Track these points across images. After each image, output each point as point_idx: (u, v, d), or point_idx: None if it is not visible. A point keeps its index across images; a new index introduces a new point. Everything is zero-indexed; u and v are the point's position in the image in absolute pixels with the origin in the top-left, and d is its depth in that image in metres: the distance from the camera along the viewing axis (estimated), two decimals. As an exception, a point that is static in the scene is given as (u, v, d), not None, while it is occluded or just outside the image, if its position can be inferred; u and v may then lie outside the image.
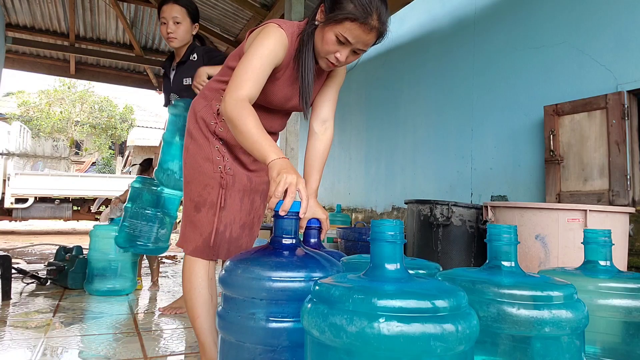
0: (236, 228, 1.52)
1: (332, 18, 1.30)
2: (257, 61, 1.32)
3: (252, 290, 0.95)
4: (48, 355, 1.90)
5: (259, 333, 0.94)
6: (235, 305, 0.97)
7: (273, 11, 5.58)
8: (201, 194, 1.48)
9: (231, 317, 0.98)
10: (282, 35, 1.37)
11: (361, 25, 1.28)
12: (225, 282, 1.00)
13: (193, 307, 1.49)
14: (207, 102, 1.55)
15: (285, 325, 0.93)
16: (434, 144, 4.80)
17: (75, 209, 9.80)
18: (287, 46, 1.39)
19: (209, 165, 1.49)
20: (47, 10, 6.57)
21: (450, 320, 0.71)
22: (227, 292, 1.00)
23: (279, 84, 1.45)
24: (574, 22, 3.40)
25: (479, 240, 2.97)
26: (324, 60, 1.40)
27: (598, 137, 3.02)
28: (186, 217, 1.52)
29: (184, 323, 2.46)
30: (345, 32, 1.30)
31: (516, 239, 1.07)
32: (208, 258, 1.49)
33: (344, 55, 1.36)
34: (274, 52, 1.35)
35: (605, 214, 2.30)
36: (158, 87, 8.88)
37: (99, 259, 3.11)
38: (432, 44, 4.97)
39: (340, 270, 1.04)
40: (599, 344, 1.21)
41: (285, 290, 0.93)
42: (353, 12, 1.27)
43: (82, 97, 19.32)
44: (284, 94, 1.48)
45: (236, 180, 1.51)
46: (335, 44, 1.33)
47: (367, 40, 1.33)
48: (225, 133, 1.51)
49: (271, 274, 0.94)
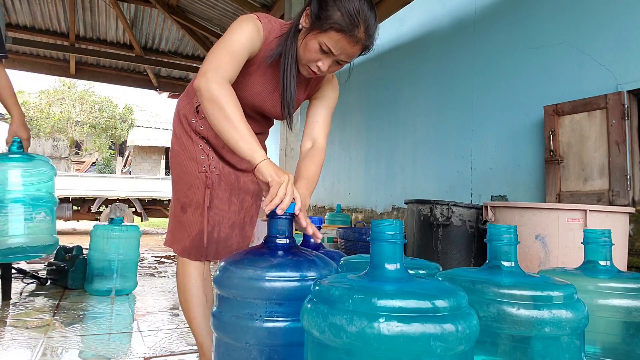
0: (225, 228, 1.48)
1: (317, 26, 1.23)
2: (235, 44, 1.25)
3: (245, 290, 0.95)
4: (48, 355, 1.90)
5: (253, 333, 0.94)
6: (230, 305, 0.98)
7: (273, 11, 5.58)
8: (187, 194, 1.46)
9: (225, 317, 0.98)
10: (258, 26, 1.30)
11: (347, 36, 1.21)
12: (219, 283, 1.00)
13: (188, 309, 1.48)
14: (189, 99, 1.51)
15: (278, 325, 0.94)
16: (434, 144, 4.80)
17: (75, 209, 9.80)
18: (262, 38, 1.31)
19: (194, 165, 1.45)
20: (47, 10, 6.57)
21: (450, 320, 0.71)
22: (221, 293, 1.00)
23: (252, 80, 1.38)
24: (574, 22, 3.40)
25: (479, 240, 2.97)
26: (305, 68, 1.32)
27: (598, 137, 3.02)
28: (174, 217, 1.51)
29: (184, 323, 2.46)
30: (329, 42, 1.23)
31: (516, 239, 1.07)
32: (196, 259, 1.46)
33: (326, 64, 1.28)
34: (251, 39, 1.28)
35: (605, 214, 2.30)
36: (158, 87, 8.89)
37: (99, 259, 3.11)
38: (432, 44, 4.97)
39: (334, 270, 1.04)
40: (599, 344, 1.21)
41: (278, 290, 0.93)
42: (339, 22, 1.19)
43: (82, 97, 19.33)
44: (256, 92, 1.40)
45: (222, 180, 1.47)
46: (318, 53, 1.26)
47: (352, 52, 1.26)
48: (207, 132, 1.45)
49: (264, 273, 0.94)
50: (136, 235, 3.29)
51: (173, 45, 7.75)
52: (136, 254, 3.29)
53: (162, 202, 10.32)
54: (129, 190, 10.06)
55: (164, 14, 6.55)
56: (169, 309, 2.83)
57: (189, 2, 6.37)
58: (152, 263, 4.93)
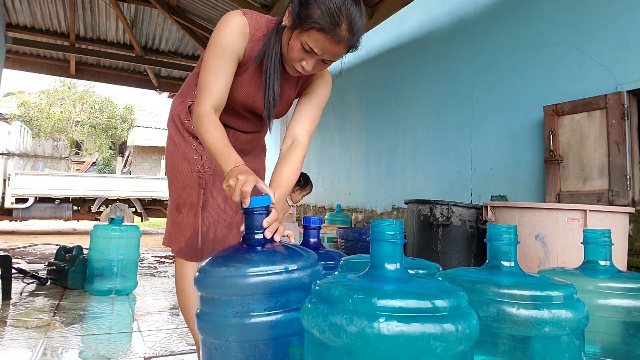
0: (221, 228, 1.46)
1: (298, 24, 1.17)
2: (214, 62, 1.25)
3: (224, 289, 0.95)
4: (48, 355, 1.90)
5: (232, 330, 0.94)
6: (211, 305, 0.97)
7: (273, 11, 5.58)
8: (180, 194, 1.45)
9: (208, 317, 0.97)
10: (242, 22, 1.26)
11: (329, 36, 1.14)
12: (199, 283, 0.99)
13: (185, 309, 1.48)
14: (182, 98, 1.50)
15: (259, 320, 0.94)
16: (434, 144, 4.80)
17: (76, 209, 9.79)
18: (248, 35, 1.27)
19: (187, 165, 1.44)
20: (47, 10, 6.57)
21: (450, 320, 0.71)
22: (202, 293, 1.00)
23: (241, 80, 1.35)
24: (574, 22, 3.40)
25: (478, 240, 2.97)
26: (290, 67, 1.28)
27: (598, 137, 3.02)
28: (170, 217, 1.51)
29: (184, 323, 2.46)
30: (310, 42, 1.17)
31: (516, 239, 1.07)
32: (192, 259, 1.45)
33: (310, 64, 1.23)
34: (230, 45, 1.25)
35: (605, 214, 2.30)
36: (158, 87, 8.89)
37: (99, 259, 3.12)
38: (432, 44, 4.97)
39: (315, 261, 1.03)
40: (599, 344, 1.21)
41: (257, 285, 0.93)
42: (319, 21, 1.12)
43: (82, 97, 19.32)
44: (246, 91, 1.37)
45: (217, 179, 1.45)
46: (301, 52, 1.20)
47: (335, 51, 1.19)
48: None
49: (241, 270, 0.94)
50: (136, 235, 3.29)
51: (173, 45, 7.75)
52: (136, 254, 3.29)
53: (162, 202, 10.32)
54: (129, 190, 10.06)
55: (164, 14, 6.55)
56: (169, 309, 2.83)
57: (189, 2, 6.37)
58: (152, 263, 4.93)
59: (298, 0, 1.17)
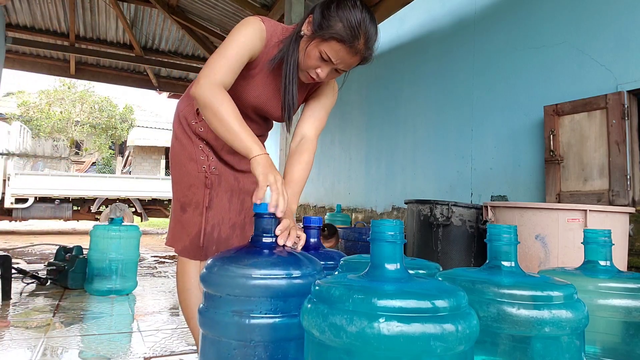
0: (225, 228, 1.49)
1: (319, 34, 1.26)
2: (233, 49, 1.28)
3: (228, 288, 0.97)
4: (48, 355, 1.90)
5: (235, 329, 0.96)
6: (214, 302, 0.99)
7: (273, 11, 5.58)
8: (186, 194, 1.47)
9: (210, 314, 1.00)
10: (260, 28, 1.33)
11: (347, 47, 1.25)
12: (205, 280, 1.02)
13: (187, 308, 1.49)
14: (189, 100, 1.52)
15: (258, 322, 0.95)
16: (434, 144, 4.80)
17: (75, 209, 9.79)
18: (264, 40, 1.34)
19: (193, 165, 1.47)
20: (47, 10, 6.58)
21: (450, 320, 0.71)
22: (207, 290, 1.02)
23: (254, 82, 1.41)
24: (574, 22, 3.40)
25: (479, 240, 2.97)
26: (304, 74, 1.36)
27: (598, 137, 3.02)
28: (174, 216, 1.52)
29: (184, 323, 2.46)
30: (329, 51, 1.27)
31: (516, 239, 1.07)
32: (196, 258, 1.47)
33: (325, 72, 1.33)
34: (251, 42, 1.31)
35: (605, 214, 2.30)
36: (158, 87, 8.89)
37: (99, 259, 3.11)
38: (432, 44, 4.97)
39: (319, 269, 1.05)
40: (599, 344, 1.21)
41: (261, 287, 0.95)
42: (340, 32, 1.23)
43: (82, 97, 19.31)
44: (258, 94, 1.42)
45: (222, 180, 1.48)
46: (318, 60, 1.30)
47: (351, 62, 1.30)
48: (206, 133, 1.48)
49: (247, 271, 0.96)
50: (136, 235, 3.29)
51: (173, 45, 7.75)
52: (136, 254, 3.29)
53: (162, 202, 10.32)
54: (129, 190, 10.06)
55: (164, 14, 6.55)
56: (169, 309, 2.83)
57: (189, 2, 6.37)
58: (152, 263, 4.93)
59: (320, 12, 1.27)
